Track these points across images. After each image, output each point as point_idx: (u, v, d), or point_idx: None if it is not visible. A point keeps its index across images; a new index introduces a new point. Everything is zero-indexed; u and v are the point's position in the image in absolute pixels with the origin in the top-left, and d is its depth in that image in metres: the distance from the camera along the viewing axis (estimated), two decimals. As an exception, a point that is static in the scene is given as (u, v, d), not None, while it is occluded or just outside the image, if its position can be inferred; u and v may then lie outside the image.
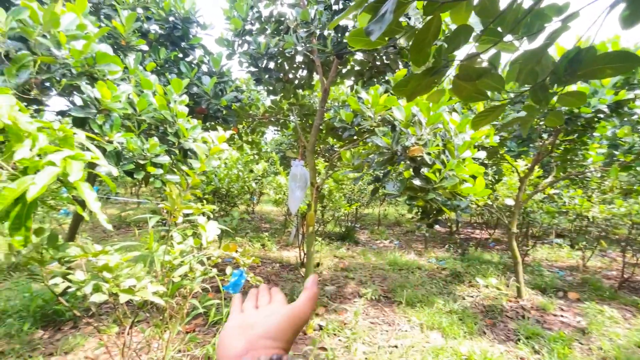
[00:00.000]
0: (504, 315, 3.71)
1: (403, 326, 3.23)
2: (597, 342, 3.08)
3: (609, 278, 5.16)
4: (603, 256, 6.58)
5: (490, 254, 6.34)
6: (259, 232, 7.30)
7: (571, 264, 5.93)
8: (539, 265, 5.64)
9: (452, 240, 7.90)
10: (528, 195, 4.42)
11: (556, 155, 4.64)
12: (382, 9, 0.56)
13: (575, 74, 0.86)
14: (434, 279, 4.94)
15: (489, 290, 4.40)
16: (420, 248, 6.96)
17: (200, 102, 2.56)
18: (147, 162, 1.84)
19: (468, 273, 5.07)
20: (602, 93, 3.16)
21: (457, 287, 4.55)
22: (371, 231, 8.81)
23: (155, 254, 1.47)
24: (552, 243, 7.11)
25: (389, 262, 5.65)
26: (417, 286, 4.49)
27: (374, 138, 1.90)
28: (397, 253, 6.28)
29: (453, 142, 1.91)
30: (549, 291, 4.34)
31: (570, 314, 3.73)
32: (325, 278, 4.56)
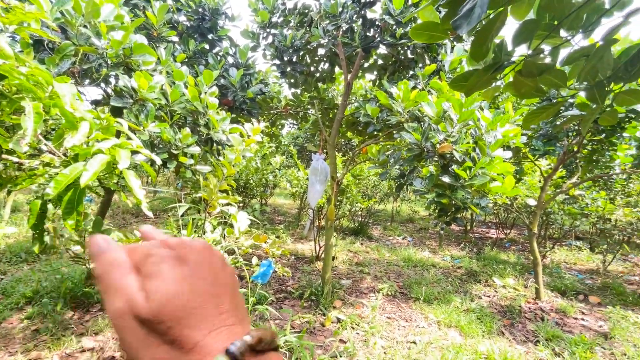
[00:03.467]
0: (522, 316, 3.66)
1: (420, 323, 3.24)
2: (621, 347, 3.01)
3: (632, 283, 5.02)
4: (624, 261, 6.39)
5: (506, 254, 6.24)
6: (273, 224, 7.38)
7: (591, 268, 5.79)
8: (558, 267, 5.53)
9: (467, 239, 7.80)
10: (551, 196, 4.31)
11: (582, 155, 4.51)
12: (466, 4, 0.55)
13: (636, 71, 0.84)
14: (449, 277, 4.90)
15: (506, 291, 4.35)
16: (434, 245, 6.91)
17: (227, 94, 2.59)
18: (179, 152, 1.87)
19: (484, 272, 5.01)
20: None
21: (473, 286, 4.51)
22: (384, 227, 8.78)
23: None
24: (571, 245, 6.94)
25: (403, 259, 5.64)
26: (432, 283, 4.47)
27: (404, 134, 1.88)
28: (411, 250, 6.25)
29: (484, 139, 1.88)
30: (568, 294, 4.26)
31: (591, 318, 3.65)
32: (340, 272, 4.59)
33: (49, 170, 1.19)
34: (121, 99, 1.73)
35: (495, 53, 0.76)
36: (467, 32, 0.55)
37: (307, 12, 3.41)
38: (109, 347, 2.38)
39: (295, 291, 3.55)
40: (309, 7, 3.39)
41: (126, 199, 1.27)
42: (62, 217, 1.09)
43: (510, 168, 1.97)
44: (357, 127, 3.67)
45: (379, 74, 3.71)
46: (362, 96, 3.77)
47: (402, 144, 2.03)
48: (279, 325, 2.85)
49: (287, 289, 3.69)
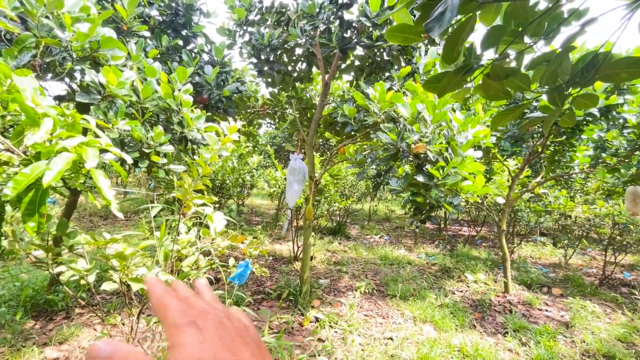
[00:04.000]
0: (492, 309, 3.83)
1: (397, 319, 3.31)
2: (581, 335, 3.22)
3: (590, 275, 5.38)
4: (583, 254, 6.85)
5: (477, 251, 6.51)
6: (250, 225, 7.28)
7: (554, 262, 6.16)
8: (525, 262, 5.83)
9: (441, 237, 8.06)
10: (518, 194, 4.55)
11: (545, 156, 4.78)
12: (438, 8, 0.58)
13: (592, 77, 0.90)
14: (424, 273, 5.05)
15: (477, 286, 4.53)
16: (410, 243, 7.08)
17: (202, 92, 2.52)
18: (151, 151, 1.81)
19: (457, 269, 5.20)
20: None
21: (447, 282, 4.67)
22: (362, 226, 8.90)
23: (159, 244, 1.47)
24: (536, 241, 7.35)
25: (380, 257, 5.74)
26: (408, 280, 4.58)
27: (380, 134, 1.92)
28: (387, 248, 6.38)
29: (456, 140, 1.95)
30: (534, 287, 4.50)
31: (554, 309, 3.88)
32: (319, 271, 4.60)
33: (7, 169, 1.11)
34: (88, 94, 1.64)
35: (466, 56, 0.79)
36: (439, 35, 0.58)
37: (284, 11, 3.39)
38: (75, 356, 2.25)
39: (273, 292, 3.52)
40: (286, 6, 3.38)
41: (94, 200, 1.21)
42: (22, 220, 1.03)
43: (480, 167, 2.06)
44: (335, 127, 3.70)
45: (356, 74, 3.75)
46: (339, 97, 3.80)
47: (378, 144, 2.07)
48: (256, 327, 2.82)
49: (265, 289, 3.66)
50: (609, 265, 5.16)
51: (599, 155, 4.64)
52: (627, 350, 2.97)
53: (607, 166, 3.87)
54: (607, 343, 3.04)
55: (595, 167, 4.43)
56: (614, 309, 3.90)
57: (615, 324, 3.46)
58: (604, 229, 5.27)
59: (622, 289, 4.78)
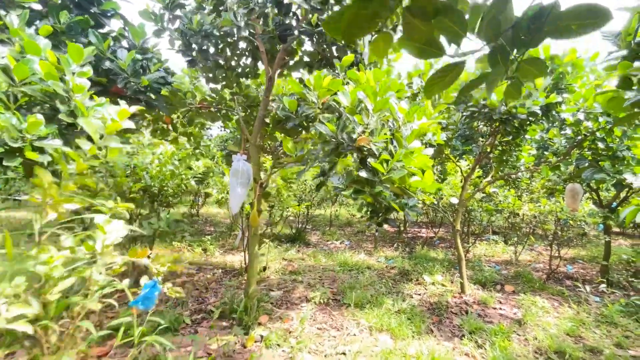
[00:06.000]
0: (449, 311, 3.75)
1: (352, 330, 3.08)
2: (533, 332, 3.21)
3: (538, 270, 5.59)
4: (531, 250, 7.17)
5: (435, 252, 6.55)
6: (202, 235, 6.74)
7: (505, 259, 6.35)
8: (479, 261, 5.94)
9: (401, 239, 8.08)
10: (470, 194, 4.59)
11: (494, 156, 4.91)
12: None
13: (539, 31, 0.72)
14: (383, 278, 4.91)
15: (435, 287, 4.46)
16: (370, 248, 6.97)
17: (116, 80, 2.14)
18: (25, 145, 1.42)
19: (415, 271, 5.13)
20: (536, 95, 3.34)
21: (406, 286, 4.56)
22: (323, 232, 8.69)
23: (15, 265, 1.09)
24: (489, 239, 7.60)
25: (340, 263, 5.53)
26: (366, 286, 4.40)
27: (318, 125, 1.69)
28: (347, 253, 6.20)
29: (401, 132, 1.78)
30: (488, 285, 4.53)
31: (507, 307, 3.90)
32: (271, 283, 4.27)
33: None
34: None
35: (379, -16, 0.59)
36: None
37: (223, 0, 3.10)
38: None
39: (216, 309, 3.13)
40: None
41: None
42: None
43: (429, 162, 1.90)
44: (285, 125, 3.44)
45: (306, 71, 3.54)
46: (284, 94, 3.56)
47: (317, 138, 1.85)
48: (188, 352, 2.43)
49: (207, 307, 3.26)
50: (554, 260, 5.38)
51: (542, 155, 4.84)
52: (575, 344, 2.99)
53: (549, 164, 4.00)
54: (557, 339, 3.05)
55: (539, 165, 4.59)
56: (561, 303, 4.00)
57: (564, 318, 3.51)
58: (548, 225, 5.51)
59: (567, 282, 4.99)
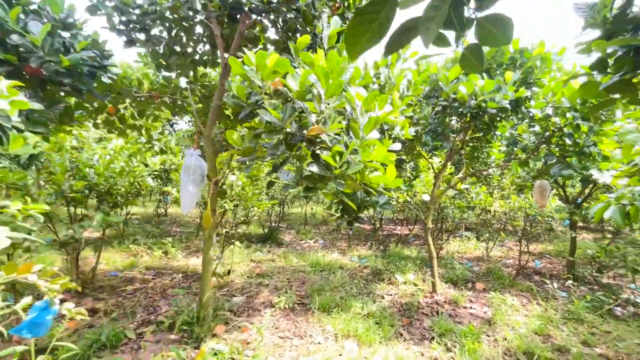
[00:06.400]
0: (419, 312, 3.63)
1: (316, 337, 2.87)
2: (502, 332, 3.14)
3: (508, 266, 5.62)
4: (502, 246, 7.27)
5: (409, 249, 6.48)
6: (168, 236, 6.33)
7: (477, 255, 6.37)
8: (452, 258, 5.92)
9: (376, 237, 7.98)
10: (442, 191, 4.50)
11: (465, 152, 4.85)
12: None
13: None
14: (355, 278, 4.75)
15: (407, 287, 4.35)
16: (344, 246, 6.81)
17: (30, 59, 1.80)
18: None
19: (388, 270, 5.01)
20: (505, 90, 3.25)
21: (377, 286, 4.42)
22: (297, 231, 8.46)
23: None
24: (462, 236, 7.64)
25: (311, 264, 5.33)
26: (336, 288, 4.22)
27: (261, 112, 1.46)
28: (320, 253, 6.00)
29: (358, 121, 1.58)
30: (459, 284, 4.47)
31: (478, 305, 3.83)
32: (235, 287, 3.99)
33: None
34: None
35: None
36: None
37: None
38: None
39: (166, 320, 2.84)
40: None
41: None
42: None
43: (391, 156, 1.71)
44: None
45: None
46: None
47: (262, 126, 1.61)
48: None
49: (157, 318, 2.95)
50: (523, 255, 5.43)
51: (511, 151, 4.83)
52: (544, 344, 2.93)
53: (519, 160, 3.96)
54: (526, 338, 2.98)
55: (509, 162, 4.57)
56: (529, 300, 3.98)
57: (532, 316, 3.47)
58: (518, 221, 5.55)
59: (535, 277, 5.03)
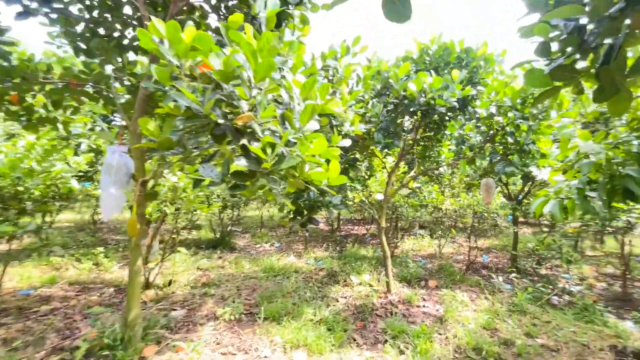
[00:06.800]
0: (374, 314, 3.54)
1: (263, 351, 2.64)
2: (453, 329, 3.14)
3: (458, 262, 5.81)
4: (453, 242, 7.56)
5: (366, 249, 6.46)
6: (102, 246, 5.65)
7: (431, 252, 6.53)
8: (406, 256, 5.99)
9: (333, 238, 7.90)
10: (395, 190, 4.49)
11: (417, 152, 4.92)
12: None
13: None
14: (310, 282, 4.57)
15: (362, 288, 4.26)
16: (300, 249, 6.62)
17: None
18: None
19: (343, 272, 4.90)
20: (453, 88, 3.28)
21: (332, 289, 4.28)
22: (253, 235, 8.10)
23: None
24: (416, 234, 7.83)
25: (264, 269, 5.06)
26: (289, 294, 4.01)
27: (174, 94, 1.21)
28: (275, 257, 5.75)
29: (294, 109, 1.39)
30: (413, 282, 4.48)
31: (431, 303, 3.84)
32: (176, 299, 3.61)
33: None
34: None
35: None
36: None
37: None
38: None
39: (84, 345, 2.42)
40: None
41: None
42: None
43: (333, 151, 1.55)
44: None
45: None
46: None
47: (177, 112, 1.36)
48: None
49: (74, 343, 2.51)
50: (472, 251, 5.64)
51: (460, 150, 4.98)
52: (491, 338, 2.98)
53: (467, 159, 4.07)
54: (475, 334, 3.01)
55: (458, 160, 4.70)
56: (478, 294, 4.09)
57: (480, 311, 3.55)
58: (467, 218, 5.76)
59: (483, 272, 5.24)
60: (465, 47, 3.41)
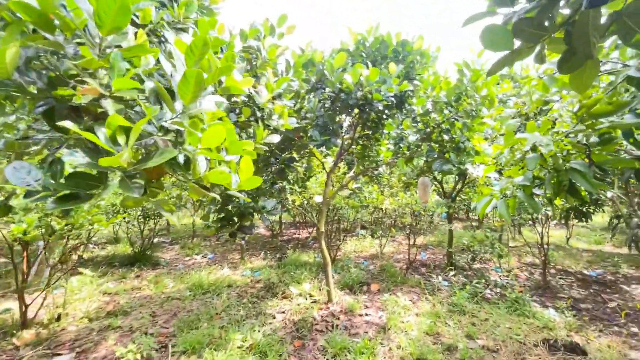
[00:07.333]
0: (314, 330, 3.20)
1: (174, 399, 2.10)
2: (396, 339, 2.94)
3: (399, 261, 5.79)
4: (394, 241, 7.63)
5: (308, 254, 6.14)
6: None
7: (373, 253, 6.46)
8: (349, 259, 5.81)
9: (273, 244, 7.43)
10: (334, 192, 4.23)
11: (357, 151, 4.75)
12: None
13: None
14: (244, 297, 4.07)
15: (301, 300, 3.90)
16: (237, 259, 6.03)
17: None
18: None
19: (283, 282, 4.49)
20: (390, 82, 3.11)
21: (269, 303, 3.84)
22: (183, 246, 7.24)
23: None
24: (358, 235, 7.75)
25: (192, 286, 4.41)
26: (218, 315, 3.47)
27: None
28: (206, 271, 5.10)
29: (174, 80, 0.96)
30: (355, 288, 4.26)
31: (373, 310, 3.63)
32: (63, 340, 2.83)
33: None
34: None
35: None
36: None
37: None
38: None
39: None
40: None
41: None
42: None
43: (243, 144, 1.16)
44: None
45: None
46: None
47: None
48: None
49: None
50: (412, 249, 5.67)
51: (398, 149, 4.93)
52: (434, 345, 2.83)
53: (405, 157, 3.97)
54: (418, 342, 2.84)
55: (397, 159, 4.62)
56: (419, 295, 4.01)
57: (422, 314, 3.43)
58: (405, 217, 5.78)
59: (422, 270, 5.26)
60: (402, 39, 3.27)
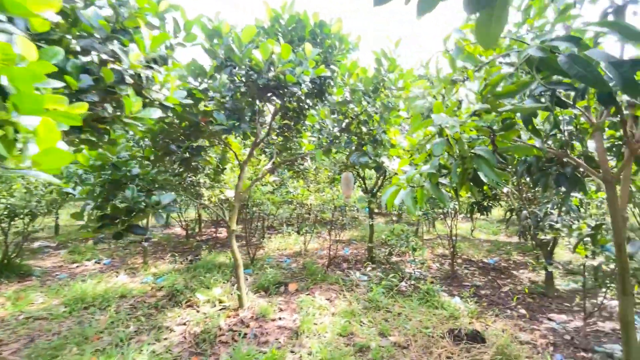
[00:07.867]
0: (217, 342, 2.79)
1: None
2: (308, 344, 2.71)
3: (322, 257, 5.65)
4: (319, 237, 7.53)
5: (226, 255, 5.61)
6: None
7: (297, 250, 6.22)
8: (270, 258, 5.47)
9: (187, 245, 6.68)
10: (248, 185, 3.84)
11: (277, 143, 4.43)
12: None
13: None
14: (139, 309, 3.44)
15: (208, 308, 3.44)
16: (139, 264, 5.20)
17: None
18: None
19: (189, 288, 3.94)
20: (306, 65, 2.84)
21: (169, 315, 3.29)
22: (72, 250, 6.03)
23: None
24: (283, 232, 7.46)
25: (70, 300, 3.59)
26: (98, 335, 2.82)
27: None
28: (94, 280, 4.24)
29: None
30: (271, 289, 3.94)
31: (288, 312, 3.37)
32: None
33: None
34: None
35: None
36: None
37: None
38: None
39: None
40: None
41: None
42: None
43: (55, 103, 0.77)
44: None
45: None
46: None
47: None
48: None
49: None
50: (333, 245, 5.58)
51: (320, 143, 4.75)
52: (347, 347, 2.68)
53: (323, 149, 3.78)
54: (330, 346, 2.65)
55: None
56: (337, 293, 3.88)
57: (338, 314, 3.28)
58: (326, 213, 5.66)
59: (344, 265, 5.20)
60: (320, 20, 3.04)
